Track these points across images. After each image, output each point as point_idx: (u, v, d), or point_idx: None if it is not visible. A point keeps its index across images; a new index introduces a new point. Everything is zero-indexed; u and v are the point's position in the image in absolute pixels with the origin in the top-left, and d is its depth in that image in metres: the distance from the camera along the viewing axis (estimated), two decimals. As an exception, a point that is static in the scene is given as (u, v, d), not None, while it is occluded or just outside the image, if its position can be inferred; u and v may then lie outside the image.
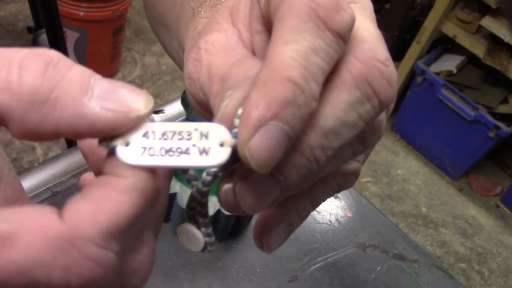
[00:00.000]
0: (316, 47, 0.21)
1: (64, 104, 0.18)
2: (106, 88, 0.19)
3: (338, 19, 0.21)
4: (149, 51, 2.18)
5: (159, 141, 0.21)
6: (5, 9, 2.09)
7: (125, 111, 0.19)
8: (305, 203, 0.27)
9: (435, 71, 2.03)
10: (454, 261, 1.84)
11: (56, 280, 0.17)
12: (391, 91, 0.23)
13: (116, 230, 0.19)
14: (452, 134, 2.05)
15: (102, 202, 0.19)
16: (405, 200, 1.99)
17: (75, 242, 0.18)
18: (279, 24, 0.21)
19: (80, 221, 0.18)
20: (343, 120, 0.22)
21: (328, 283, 0.62)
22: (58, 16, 0.96)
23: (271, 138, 0.19)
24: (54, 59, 0.19)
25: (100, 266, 0.18)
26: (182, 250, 0.60)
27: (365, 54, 0.22)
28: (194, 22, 0.31)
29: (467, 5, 1.93)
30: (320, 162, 0.22)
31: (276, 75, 0.20)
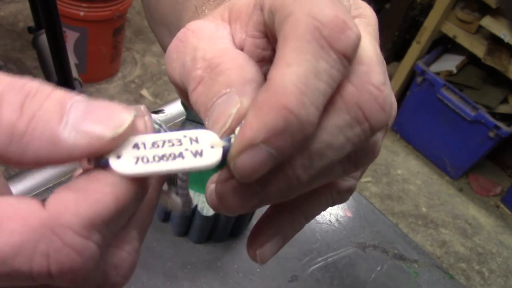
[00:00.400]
0: (318, 70, 0.20)
1: (41, 134, 0.18)
2: (82, 112, 0.19)
3: (343, 39, 0.21)
4: (149, 51, 2.18)
5: (151, 150, 0.21)
6: (5, 9, 2.09)
7: (99, 134, 0.19)
8: (299, 217, 0.27)
9: (435, 71, 2.03)
10: (454, 261, 1.84)
11: (37, 268, 0.18)
12: (383, 115, 0.22)
13: (98, 222, 0.19)
14: (452, 134, 2.05)
15: (86, 192, 0.19)
16: (405, 200, 1.99)
17: (56, 229, 0.18)
18: (283, 43, 0.21)
19: (63, 209, 0.18)
20: (330, 143, 0.22)
21: (328, 283, 0.62)
22: (58, 17, 0.96)
23: (256, 158, 0.20)
24: (32, 90, 0.19)
25: (80, 255, 0.18)
26: (182, 250, 0.60)
27: (359, 78, 0.22)
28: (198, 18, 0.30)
29: (467, 5, 1.93)
30: (301, 179, 0.22)
31: (273, 100, 0.20)
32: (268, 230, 0.27)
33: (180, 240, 0.61)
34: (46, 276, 0.18)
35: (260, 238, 0.27)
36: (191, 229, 0.60)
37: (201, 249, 0.61)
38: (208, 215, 0.57)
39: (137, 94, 1.98)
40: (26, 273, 0.18)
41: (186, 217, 0.59)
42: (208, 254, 0.61)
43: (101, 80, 1.98)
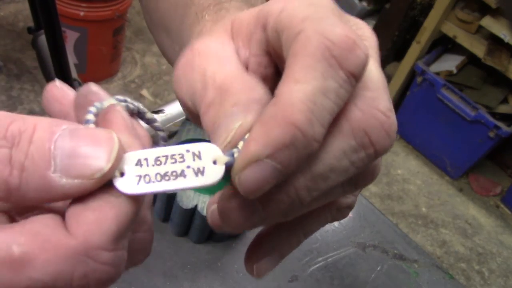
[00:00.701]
0: (326, 88, 0.21)
1: (34, 184, 0.19)
2: (67, 153, 0.19)
3: (353, 58, 0.21)
4: (149, 51, 2.18)
5: (153, 168, 0.21)
6: (5, 9, 2.09)
7: (88, 174, 0.19)
8: (298, 234, 0.28)
9: (435, 71, 2.03)
10: (454, 261, 1.84)
11: (77, 286, 0.19)
12: (389, 141, 0.23)
13: (123, 230, 0.20)
14: (452, 134, 2.05)
15: (105, 208, 0.19)
16: (405, 200, 1.99)
17: (89, 253, 0.19)
18: (293, 60, 0.21)
19: (89, 232, 0.19)
20: (334, 166, 0.22)
21: (328, 283, 0.62)
22: (57, 17, 0.96)
23: (261, 173, 0.20)
24: (16, 136, 0.19)
25: (114, 267, 0.19)
26: (182, 250, 0.60)
27: (366, 103, 0.22)
28: (199, 25, 0.31)
29: (467, 5, 1.93)
30: (304, 201, 0.22)
31: (280, 116, 0.20)
32: (266, 245, 0.27)
33: (180, 240, 0.61)
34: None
35: (258, 253, 0.27)
36: (191, 229, 0.60)
37: (201, 249, 0.61)
38: (208, 215, 0.57)
39: (137, 94, 1.98)
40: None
41: (186, 217, 0.59)
42: (208, 254, 0.61)
43: (101, 80, 1.98)
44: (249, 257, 0.28)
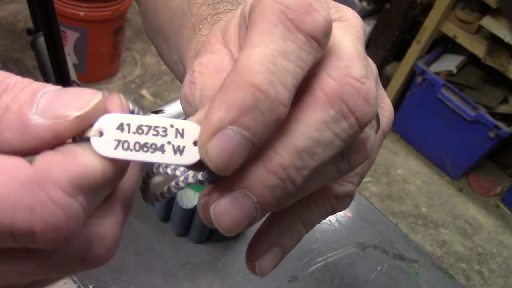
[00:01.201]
0: (286, 50, 0.21)
1: (12, 123, 0.19)
2: (50, 98, 0.19)
3: (309, 21, 0.21)
4: (149, 51, 2.18)
5: (134, 135, 0.21)
6: (5, 9, 2.09)
7: (63, 115, 0.19)
8: (298, 226, 0.27)
9: (435, 71, 2.03)
10: (454, 261, 1.84)
11: (20, 222, 0.17)
12: (369, 108, 0.22)
13: (84, 183, 0.19)
14: (452, 134, 2.05)
15: (74, 155, 0.19)
16: (405, 200, 1.99)
17: (43, 184, 0.18)
18: (250, 29, 0.21)
19: (51, 166, 0.18)
20: (317, 139, 0.22)
21: (328, 283, 0.62)
22: (56, 19, 0.96)
23: (229, 142, 0.20)
24: (10, 84, 0.19)
25: (64, 213, 0.18)
26: (182, 250, 0.60)
27: (338, 71, 0.22)
28: (195, 39, 0.31)
29: (467, 5, 1.93)
30: (296, 182, 0.22)
31: (239, 80, 0.20)
32: (266, 240, 0.27)
33: (180, 240, 0.61)
34: (29, 232, 0.18)
35: (258, 248, 0.27)
36: (191, 229, 0.60)
37: (201, 249, 0.61)
38: (208, 215, 0.57)
39: (137, 94, 1.98)
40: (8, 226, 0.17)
41: (186, 217, 0.59)
42: (208, 254, 0.61)
43: (101, 80, 1.98)
44: (250, 254, 0.27)
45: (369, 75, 0.23)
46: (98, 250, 0.21)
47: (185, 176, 0.24)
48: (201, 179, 0.23)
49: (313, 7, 0.21)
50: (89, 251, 0.20)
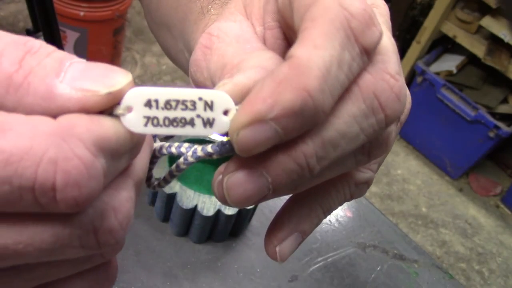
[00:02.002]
0: (341, 59, 0.20)
1: (36, 88, 0.18)
2: (80, 69, 0.19)
3: (368, 34, 0.21)
4: (149, 51, 2.18)
5: (163, 111, 0.20)
6: (5, 9, 2.09)
7: (95, 89, 0.19)
8: (317, 211, 0.27)
9: (435, 71, 2.03)
10: (454, 261, 1.84)
11: (42, 175, 0.17)
12: (399, 105, 0.22)
13: (107, 146, 0.19)
14: (452, 134, 2.05)
15: (98, 118, 0.19)
16: (405, 200, 1.99)
17: (68, 138, 0.17)
18: (311, 25, 0.21)
19: (76, 123, 0.18)
20: (344, 132, 0.21)
21: (328, 283, 0.62)
22: (55, 19, 0.96)
23: (262, 134, 0.20)
24: (34, 47, 0.19)
25: (87, 170, 0.17)
26: (182, 250, 0.60)
27: (375, 66, 0.22)
28: (204, 19, 0.31)
29: (467, 5, 1.93)
30: (313, 170, 0.22)
31: (295, 79, 0.19)
32: (287, 224, 0.26)
33: (180, 240, 0.61)
34: (50, 188, 0.17)
35: (279, 233, 0.26)
36: (191, 229, 0.60)
37: (201, 249, 0.61)
38: (208, 215, 0.57)
39: (137, 94, 1.98)
40: (29, 180, 0.17)
41: (186, 217, 0.59)
42: (208, 254, 0.61)
43: (101, 80, 1.98)
44: (271, 240, 0.26)
45: (401, 71, 0.23)
46: (112, 222, 0.20)
47: (193, 150, 0.24)
48: (210, 151, 0.23)
49: (373, 20, 0.21)
50: (102, 221, 0.20)
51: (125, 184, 0.22)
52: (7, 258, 0.18)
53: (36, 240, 0.18)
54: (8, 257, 0.18)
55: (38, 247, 0.18)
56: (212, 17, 0.30)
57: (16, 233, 0.18)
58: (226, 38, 0.26)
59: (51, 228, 0.18)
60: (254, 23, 0.27)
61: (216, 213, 0.57)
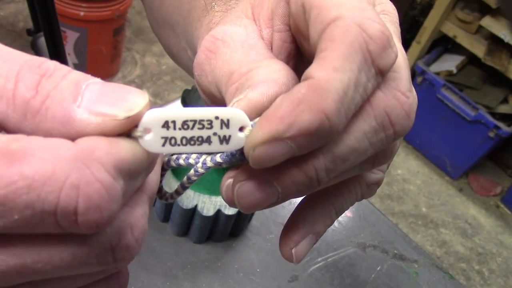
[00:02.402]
0: (358, 81, 0.21)
1: (54, 113, 0.18)
2: (97, 92, 0.19)
3: (384, 57, 0.21)
4: (149, 51, 2.18)
5: (180, 131, 0.21)
6: (5, 9, 2.09)
7: (113, 114, 0.19)
8: (331, 212, 0.28)
9: (435, 71, 2.03)
10: (454, 261, 1.84)
11: (64, 200, 0.17)
12: (408, 122, 0.23)
13: (126, 168, 0.19)
14: (452, 134, 2.05)
15: (116, 141, 0.19)
16: (405, 200, 1.99)
17: (89, 162, 0.17)
18: (330, 45, 0.21)
19: (95, 147, 0.18)
20: (354, 148, 0.22)
21: (328, 283, 0.62)
22: (56, 19, 0.95)
23: (277, 151, 0.20)
24: (49, 70, 0.19)
25: (107, 192, 0.18)
26: (182, 251, 0.60)
27: (387, 83, 0.22)
28: (209, 16, 0.30)
29: (467, 5, 1.93)
30: (322, 182, 0.22)
31: (314, 101, 0.20)
32: (302, 227, 0.27)
33: (180, 240, 0.61)
34: (72, 212, 0.17)
35: (295, 236, 0.27)
36: (191, 229, 0.60)
37: (201, 249, 0.61)
38: (208, 215, 0.57)
39: (137, 94, 1.98)
40: (51, 205, 0.17)
41: (186, 217, 0.59)
42: (208, 254, 0.61)
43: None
44: (287, 242, 0.27)
45: (412, 87, 0.23)
46: (128, 238, 0.20)
47: (202, 161, 0.24)
48: (220, 161, 0.24)
49: (390, 42, 0.22)
50: (120, 239, 0.20)
51: (140, 200, 0.22)
52: (26, 276, 0.18)
53: (54, 259, 0.18)
54: (27, 275, 0.18)
55: (56, 266, 0.19)
56: (217, 14, 0.30)
57: (35, 253, 0.18)
58: (231, 43, 0.26)
59: (70, 247, 0.19)
60: (261, 25, 0.27)
61: (216, 213, 0.57)
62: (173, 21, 0.38)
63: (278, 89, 0.23)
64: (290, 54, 0.27)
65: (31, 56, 0.19)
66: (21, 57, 0.19)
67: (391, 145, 0.25)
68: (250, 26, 0.27)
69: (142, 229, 0.21)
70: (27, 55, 0.19)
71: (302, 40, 0.26)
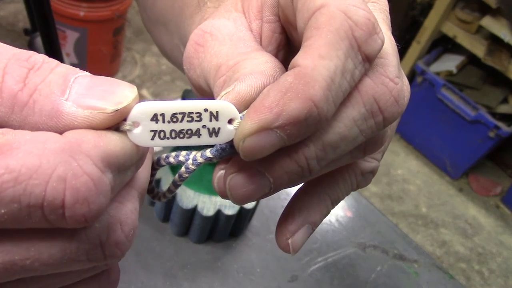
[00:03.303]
0: (345, 68, 0.21)
1: (42, 106, 0.18)
2: (85, 86, 0.19)
3: (370, 43, 0.21)
4: (149, 51, 2.18)
5: (169, 124, 0.21)
6: (5, 9, 2.09)
7: (102, 107, 0.19)
8: (326, 202, 0.27)
9: (435, 71, 2.03)
10: (454, 261, 1.83)
11: (51, 193, 0.17)
12: (397, 108, 0.23)
13: (114, 161, 0.19)
14: (452, 134, 2.05)
15: (104, 134, 0.19)
16: (405, 200, 1.99)
17: (76, 155, 0.17)
18: (316, 33, 0.21)
19: (83, 140, 0.18)
20: (344, 135, 0.22)
21: (328, 283, 0.62)
22: (52, 19, 0.95)
23: (267, 141, 0.20)
24: (37, 63, 0.19)
25: (95, 185, 0.17)
26: (182, 251, 0.60)
27: (375, 70, 0.22)
28: (201, 12, 0.31)
29: (467, 5, 1.93)
30: (313, 171, 0.22)
31: (301, 89, 0.20)
32: (298, 217, 0.27)
33: (180, 240, 0.61)
34: (59, 205, 0.17)
35: (291, 226, 0.27)
36: (191, 229, 0.60)
37: (201, 249, 0.61)
38: (208, 215, 0.57)
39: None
40: (38, 198, 0.17)
41: (186, 217, 0.59)
42: (208, 254, 0.61)
43: (101, 80, 1.97)
44: (283, 233, 0.27)
45: (401, 73, 0.23)
46: (118, 234, 0.20)
47: (192, 158, 0.24)
48: (210, 156, 0.24)
49: (375, 29, 0.22)
50: (109, 234, 0.20)
51: (129, 195, 0.22)
52: (15, 273, 0.18)
53: (43, 256, 0.18)
54: (16, 272, 0.18)
55: (45, 262, 0.18)
56: (209, 10, 0.30)
57: (23, 250, 0.18)
58: (219, 36, 0.26)
59: (58, 243, 0.18)
60: (251, 17, 0.27)
61: (216, 213, 0.57)
62: (166, 19, 0.38)
63: (266, 81, 0.23)
64: (279, 44, 0.27)
65: (20, 50, 0.19)
66: (9, 51, 0.19)
67: (382, 133, 0.25)
68: (239, 19, 0.27)
69: (132, 225, 0.21)
70: (16, 48, 0.19)
71: (291, 30, 0.26)
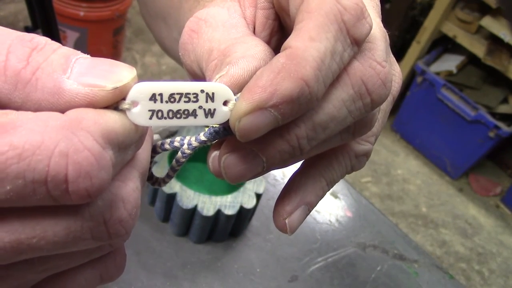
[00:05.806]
0: (334, 50, 0.22)
1: (44, 83, 0.19)
2: (86, 65, 0.20)
3: (359, 27, 0.22)
4: (149, 51, 2.18)
5: (167, 104, 0.22)
6: (5, 9, 2.09)
7: (101, 85, 0.19)
8: (322, 183, 0.28)
9: (435, 71, 2.03)
10: (454, 261, 1.84)
11: (54, 168, 0.17)
12: (385, 91, 0.24)
13: (114, 138, 0.19)
14: (452, 134, 2.05)
15: (104, 112, 0.20)
16: (405, 200, 1.99)
17: (77, 131, 0.18)
18: (307, 16, 0.22)
19: (83, 117, 0.18)
20: (333, 115, 0.23)
21: (328, 283, 0.62)
22: (54, 17, 0.96)
23: (262, 120, 0.21)
24: (40, 44, 0.20)
25: (96, 160, 0.18)
26: (182, 251, 0.60)
27: (363, 53, 0.23)
28: (199, 6, 0.31)
29: (467, 5, 1.93)
30: (304, 150, 0.23)
31: (293, 69, 0.21)
32: (294, 198, 0.28)
33: (180, 240, 0.61)
34: (62, 180, 0.17)
35: (288, 206, 0.27)
36: (191, 229, 0.60)
37: (201, 249, 0.61)
38: (208, 215, 0.57)
39: (137, 94, 1.98)
40: (42, 173, 0.17)
41: (186, 217, 0.59)
42: (208, 254, 0.61)
43: (101, 80, 1.98)
44: (280, 213, 0.28)
45: (389, 58, 0.24)
46: (121, 212, 0.21)
47: (187, 142, 0.25)
48: (204, 139, 0.25)
49: (364, 13, 0.23)
50: (112, 212, 0.20)
51: (131, 175, 0.22)
52: (22, 252, 0.19)
53: (48, 234, 0.19)
54: (23, 252, 0.19)
55: (51, 241, 0.19)
56: (206, 4, 0.31)
57: (29, 228, 0.18)
58: (213, 22, 0.27)
59: (63, 221, 0.19)
60: (245, 4, 0.28)
61: (216, 213, 0.57)
62: (166, 13, 0.39)
63: (257, 64, 0.24)
64: (273, 30, 0.28)
65: (23, 32, 0.20)
66: (12, 33, 0.20)
67: (370, 115, 0.26)
68: (233, 7, 0.28)
69: (134, 203, 0.22)
70: (19, 32, 0.20)
71: (285, 16, 0.27)
